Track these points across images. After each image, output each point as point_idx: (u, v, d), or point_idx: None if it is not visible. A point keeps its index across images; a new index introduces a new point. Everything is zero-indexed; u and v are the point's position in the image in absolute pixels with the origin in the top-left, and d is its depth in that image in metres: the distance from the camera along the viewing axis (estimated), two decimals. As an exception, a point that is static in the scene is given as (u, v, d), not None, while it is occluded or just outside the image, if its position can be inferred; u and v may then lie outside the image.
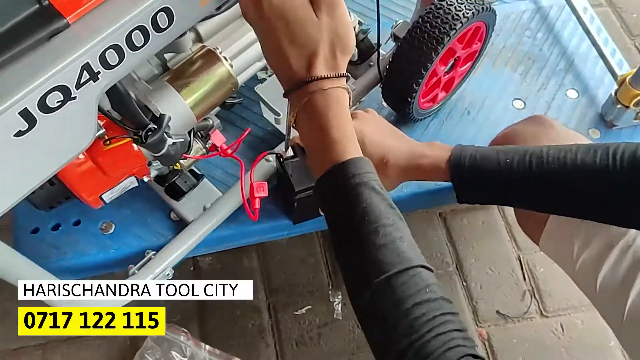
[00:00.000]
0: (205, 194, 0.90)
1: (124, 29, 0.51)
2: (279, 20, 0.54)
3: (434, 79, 0.92)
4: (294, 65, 0.55)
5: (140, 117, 0.64)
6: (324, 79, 0.55)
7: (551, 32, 1.14)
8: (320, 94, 0.55)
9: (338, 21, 0.55)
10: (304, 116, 0.56)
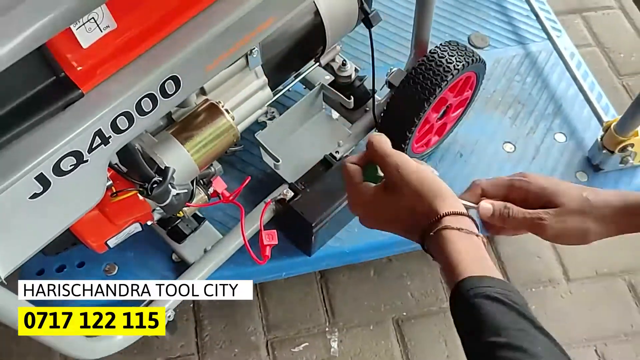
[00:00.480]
0: (206, 237, 0.93)
1: (134, 98, 0.54)
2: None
3: (426, 126, 0.96)
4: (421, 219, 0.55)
5: (146, 171, 0.67)
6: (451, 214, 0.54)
7: (540, 77, 1.18)
8: (450, 227, 0.54)
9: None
10: (437, 245, 0.54)
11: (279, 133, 0.97)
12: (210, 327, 1.14)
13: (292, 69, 0.96)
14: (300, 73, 1.00)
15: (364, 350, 1.13)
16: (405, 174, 0.56)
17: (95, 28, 0.52)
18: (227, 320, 1.15)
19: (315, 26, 0.89)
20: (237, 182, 1.01)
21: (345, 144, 0.97)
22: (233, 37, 0.59)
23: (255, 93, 0.84)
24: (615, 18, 1.69)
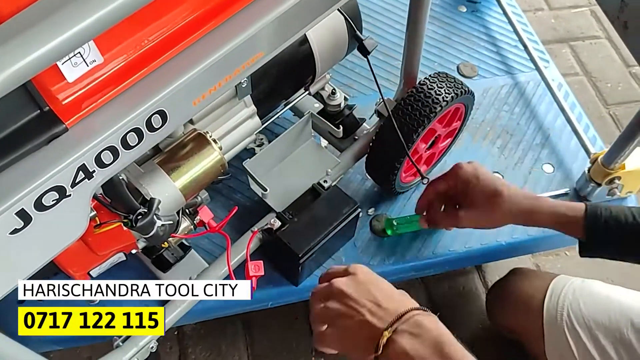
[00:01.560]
0: (191, 265, 0.92)
1: (120, 132, 0.53)
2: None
3: (415, 156, 0.96)
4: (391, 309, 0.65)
5: (130, 202, 0.66)
6: (420, 308, 0.65)
7: (528, 107, 1.19)
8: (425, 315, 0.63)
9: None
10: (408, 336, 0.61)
11: (267, 161, 0.96)
12: (194, 356, 1.12)
13: (282, 98, 0.96)
14: (290, 101, 1.00)
15: (351, 381, 1.11)
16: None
17: (82, 62, 0.51)
18: (212, 350, 1.13)
19: (305, 55, 0.89)
20: (224, 209, 1.01)
21: (334, 172, 0.97)
22: (221, 71, 0.58)
23: (243, 122, 0.84)
24: (602, 48, 1.72)
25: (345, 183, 1.06)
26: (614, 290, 0.94)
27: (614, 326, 0.91)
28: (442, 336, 0.60)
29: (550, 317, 0.96)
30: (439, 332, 0.61)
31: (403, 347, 0.60)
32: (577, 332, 0.93)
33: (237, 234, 0.96)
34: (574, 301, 0.93)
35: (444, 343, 0.60)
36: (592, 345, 0.92)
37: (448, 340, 0.60)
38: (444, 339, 0.60)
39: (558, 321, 0.95)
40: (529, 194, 0.88)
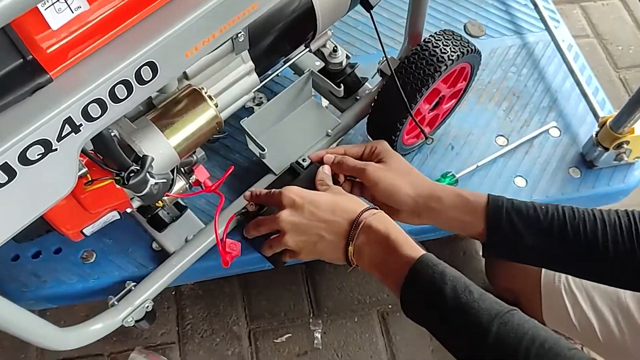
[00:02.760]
0: (187, 225, 0.90)
1: (108, 84, 0.51)
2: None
3: (418, 117, 0.93)
4: (343, 220, 0.72)
5: (122, 159, 0.64)
6: (369, 208, 0.72)
7: (536, 69, 1.15)
8: (373, 217, 0.71)
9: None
10: (366, 240, 0.70)
11: (266, 120, 0.94)
12: (191, 315, 1.12)
13: (281, 54, 0.92)
14: (290, 58, 0.97)
15: (348, 343, 1.11)
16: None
17: (66, 9, 0.48)
18: (209, 310, 1.13)
19: (305, 10, 0.85)
20: (221, 169, 0.99)
21: (334, 132, 0.94)
22: (215, 21, 0.56)
23: (241, 79, 0.81)
24: (614, 9, 1.66)
25: (346, 144, 1.03)
26: None
27: (612, 290, 0.90)
28: (389, 233, 0.69)
29: (547, 279, 0.96)
30: (386, 230, 0.69)
31: (365, 253, 0.70)
32: (574, 295, 0.93)
33: (234, 194, 0.94)
34: None
35: (390, 235, 0.69)
36: (588, 307, 0.91)
37: (393, 231, 0.69)
38: (391, 235, 0.69)
39: (555, 283, 0.95)
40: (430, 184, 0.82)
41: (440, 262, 0.66)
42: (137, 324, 0.84)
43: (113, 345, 1.08)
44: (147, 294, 0.83)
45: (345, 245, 0.71)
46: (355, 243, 0.71)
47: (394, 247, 0.68)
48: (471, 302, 0.61)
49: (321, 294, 1.15)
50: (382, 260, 0.69)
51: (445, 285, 0.62)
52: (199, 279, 1.01)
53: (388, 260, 0.68)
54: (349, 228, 0.71)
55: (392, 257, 0.68)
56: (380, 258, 0.69)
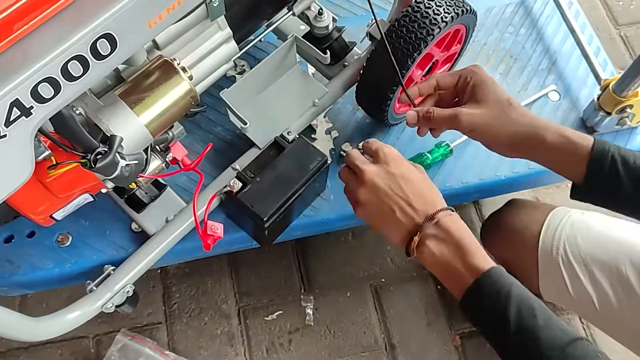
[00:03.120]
0: (168, 205, 0.85)
1: (59, 60, 0.45)
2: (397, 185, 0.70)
3: (410, 85, 0.87)
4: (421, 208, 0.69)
5: (87, 141, 0.58)
6: (447, 209, 0.69)
7: (534, 28, 1.09)
8: (449, 217, 0.68)
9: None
10: (436, 237, 0.67)
11: (248, 91, 0.88)
12: (178, 294, 1.08)
13: (262, 19, 0.86)
14: (273, 22, 0.90)
15: (341, 318, 1.08)
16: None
17: (5, -25, 0.42)
18: (197, 288, 1.09)
19: (286, -30, 0.79)
20: (203, 143, 0.94)
21: (322, 102, 0.89)
22: (179, -14, 0.50)
23: (218, 47, 0.75)
24: (615, -38, 1.58)
25: (334, 114, 0.98)
26: (615, 224, 0.89)
27: (612, 261, 0.87)
28: (463, 238, 0.66)
29: (545, 251, 0.93)
30: (460, 234, 0.66)
31: (432, 250, 0.66)
32: (572, 267, 0.90)
33: (218, 169, 0.89)
34: (572, 234, 0.88)
35: (463, 241, 0.66)
36: (587, 280, 0.88)
37: (467, 238, 0.66)
38: (464, 240, 0.66)
39: (553, 255, 0.91)
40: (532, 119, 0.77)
41: (508, 278, 0.63)
42: (119, 308, 0.81)
43: (98, 327, 1.04)
44: (126, 278, 0.79)
45: (411, 233, 0.68)
46: (422, 234, 0.68)
47: (464, 253, 0.65)
48: (535, 328, 0.58)
49: (312, 269, 1.12)
50: (448, 263, 0.66)
51: (509, 306, 0.60)
52: (182, 260, 0.97)
53: (455, 264, 0.66)
54: (423, 219, 0.68)
55: (459, 262, 0.65)
56: (447, 260, 0.66)
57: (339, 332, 1.07)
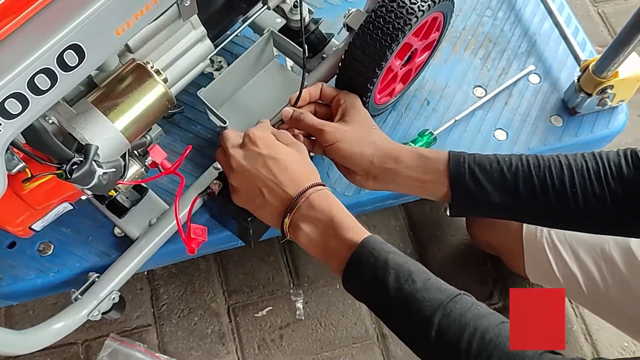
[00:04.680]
0: (150, 208, 0.84)
1: (25, 75, 0.44)
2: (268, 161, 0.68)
3: (390, 75, 0.86)
4: (288, 188, 0.67)
5: (61, 151, 0.57)
6: (316, 185, 0.67)
7: (512, 11, 1.08)
8: (317, 194, 0.66)
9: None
10: (306, 218, 0.65)
11: (226, 88, 0.86)
12: (166, 295, 1.08)
13: (237, 14, 0.84)
14: (248, 17, 0.88)
15: (331, 311, 1.08)
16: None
17: (-39, -11, 0.40)
18: (185, 288, 1.08)
19: (258, -37, 0.77)
20: (183, 143, 0.92)
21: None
22: (147, -9, 0.48)
23: (192, 47, 0.74)
24: (591, -62, 1.58)
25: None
26: None
27: (596, 241, 0.88)
28: (333, 214, 0.64)
29: (529, 233, 0.93)
30: (329, 210, 0.65)
31: (305, 232, 0.65)
32: (557, 248, 0.90)
33: (199, 168, 0.88)
34: None
35: (333, 217, 0.64)
36: (572, 261, 0.89)
37: (337, 213, 0.65)
38: (335, 216, 0.64)
39: (538, 237, 0.92)
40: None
41: (383, 247, 0.61)
42: (106, 315, 0.80)
43: (87, 332, 1.03)
44: (111, 285, 0.78)
45: (283, 215, 0.66)
46: (292, 216, 0.66)
47: (336, 229, 0.64)
48: (414, 292, 0.58)
49: (300, 263, 1.11)
50: (322, 242, 0.64)
51: (388, 274, 0.59)
52: (168, 262, 0.96)
53: (329, 242, 0.64)
54: (291, 198, 0.66)
55: (333, 239, 0.64)
56: (320, 239, 0.64)
57: (330, 325, 1.07)
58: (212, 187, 0.77)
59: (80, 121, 0.61)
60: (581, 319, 1.11)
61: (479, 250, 1.14)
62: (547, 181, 0.68)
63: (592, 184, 0.67)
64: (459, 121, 0.96)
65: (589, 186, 0.67)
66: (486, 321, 0.55)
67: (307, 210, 0.65)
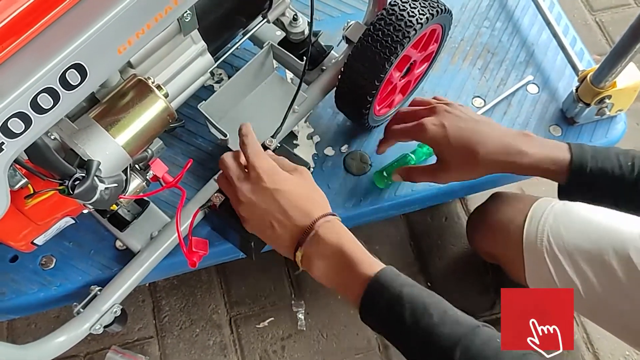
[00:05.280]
0: (152, 221, 0.84)
1: (28, 95, 0.44)
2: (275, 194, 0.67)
3: (389, 87, 0.87)
4: (297, 221, 0.66)
5: (63, 167, 0.57)
6: (324, 215, 0.66)
7: (510, 21, 1.09)
8: (324, 227, 0.65)
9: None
10: (317, 252, 0.64)
11: (227, 101, 0.87)
12: (168, 307, 1.08)
13: (237, 28, 0.85)
14: (249, 30, 0.89)
15: (333, 322, 1.08)
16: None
17: (-35, 10, 0.41)
18: (187, 300, 1.08)
19: (258, -22, 0.78)
20: (184, 156, 0.93)
21: (301, 108, 0.88)
22: (147, 11, 0.49)
23: (192, 61, 0.74)
24: (588, -53, 1.59)
25: (315, 119, 0.97)
26: (598, 213, 0.90)
27: (595, 251, 0.88)
28: (344, 248, 0.63)
29: (529, 242, 0.93)
30: (339, 244, 0.64)
31: (318, 268, 0.64)
32: (557, 257, 0.90)
33: (200, 181, 0.88)
34: (555, 225, 0.89)
35: (344, 251, 0.63)
36: (572, 270, 0.89)
37: (347, 246, 0.64)
38: (345, 250, 0.63)
39: (538, 246, 0.92)
40: (509, 144, 0.75)
41: (396, 279, 0.60)
42: (108, 328, 0.80)
43: (88, 345, 1.04)
44: (113, 298, 0.78)
45: (294, 248, 0.66)
46: (304, 251, 0.65)
47: (348, 264, 0.63)
48: (431, 327, 0.57)
49: (302, 274, 1.11)
50: (335, 276, 0.64)
51: (404, 310, 0.58)
52: (169, 275, 0.96)
53: (342, 276, 0.63)
54: (301, 233, 0.65)
55: (346, 273, 0.63)
56: (333, 273, 0.64)
57: (332, 336, 1.07)
58: (213, 200, 0.77)
59: (82, 137, 0.62)
60: (582, 327, 1.11)
61: (480, 260, 1.14)
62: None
63: None
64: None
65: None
66: (508, 355, 0.54)
67: (317, 244, 0.64)
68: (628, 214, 0.89)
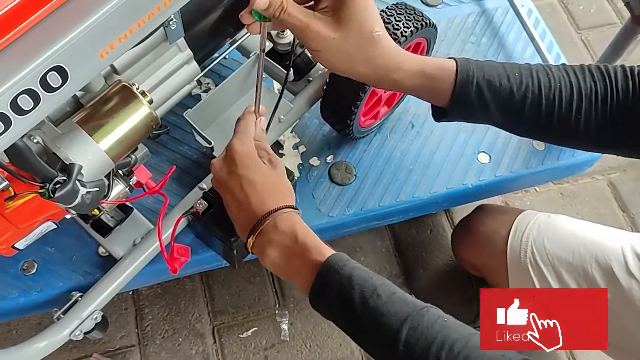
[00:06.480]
0: (135, 227, 0.84)
1: (8, 95, 0.45)
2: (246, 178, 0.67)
3: (374, 98, 0.88)
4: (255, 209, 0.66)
5: (44, 170, 0.58)
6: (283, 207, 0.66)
7: (496, 37, 1.11)
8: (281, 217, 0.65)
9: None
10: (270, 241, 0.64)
11: (213, 109, 0.88)
12: (151, 316, 1.07)
13: (224, 38, 0.86)
14: (236, 40, 0.90)
15: (316, 332, 1.08)
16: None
17: (-54, 11, 0.41)
18: (170, 308, 1.08)
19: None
20: (169, 163, 0.93)
21: (287, 118, 0.89)
22: (130, 15, 0.49)
23: (178, 69, 0.75)
24: (574, -33, 1.62)
25: (301, 129, 0.98)
26: (580, 225, 0.91)
27: (578, 263, 0.89)
28: (296, 235, 0.63)
29: (513, 254, 0.94)
30: (292, 232, 0.64)
31: (270, 256, 0.64)
32: (540, 270, 0.91)
33: (185, 188, 0.89)
34: (538, 237, 0.90)
35: (297, 238, 0.63)
36: (555, 282, 0.90)
37: (300, 233, 0.64)
38: (296, 234, 0.63)
39: (522, 258, 0.93)
40: (403, 50, 0.69)
41: (347, 264, 0.61)
42: (88, 335, 0.79)
43: (70, 353, 1.03)
44: (94, 305, 0.78)
45: (247, 235, 0.66)
46: (256, 239, 0.65)
47: (300, 251, 0.63)
48: (380, 306, 0.57)
49: (286, 283, 1.11)
50: (287, 265, 0.64)
51: (353, 291, 0.58)
52: (152, 282, 0.96)
53: (294, 264, 0.63)
54: (256, 220, 0.65)
55: (299, 261, 0.63)
56: (285, 262, 0.64)
57: (315, 346, 1.07)
58: (197, 207, 0.78)
59: (65, 141, 0.62)
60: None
61: (464, 272, 1.15)
62: (554, 106, 0.67)
63: (596, 109, 0.67)
64: (442, 144, 0.98)
65: (593, 112, 0.67)
66: (454, 333, 0.55)
67: (270, 232, 0.64)
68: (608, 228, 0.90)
